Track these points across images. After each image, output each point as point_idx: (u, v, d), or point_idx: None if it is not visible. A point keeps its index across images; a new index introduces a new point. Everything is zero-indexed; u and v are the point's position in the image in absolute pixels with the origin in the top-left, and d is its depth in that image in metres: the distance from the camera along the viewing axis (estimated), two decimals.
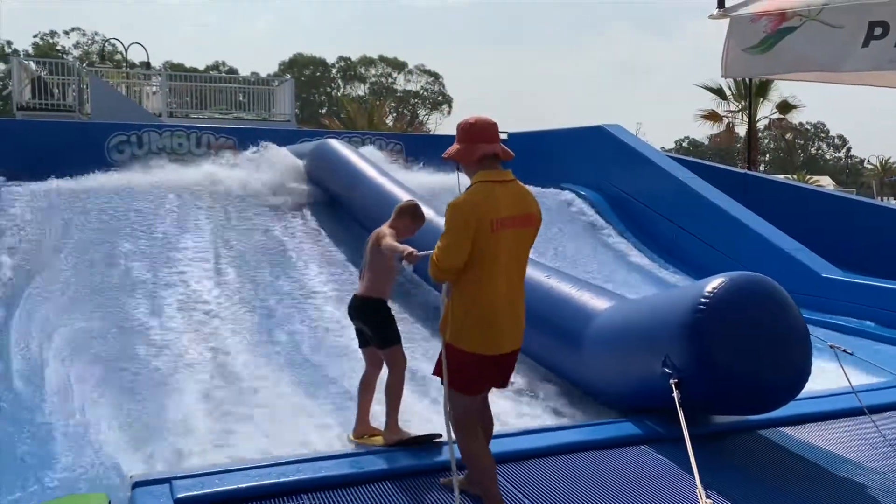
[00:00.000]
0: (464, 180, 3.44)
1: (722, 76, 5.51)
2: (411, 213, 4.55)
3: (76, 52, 55.13)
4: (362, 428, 4.66)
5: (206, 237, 9.12)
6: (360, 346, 4.72)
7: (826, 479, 3.98)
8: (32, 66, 21.02)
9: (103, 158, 12.52)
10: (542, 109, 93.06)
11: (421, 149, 14.41)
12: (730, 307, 4.11)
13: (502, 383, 3.56)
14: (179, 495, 3.44)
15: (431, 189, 9.92)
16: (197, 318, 7.20)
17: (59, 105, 19.16)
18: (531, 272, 6.27)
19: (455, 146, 3.32)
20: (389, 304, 4.57)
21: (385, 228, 4.49)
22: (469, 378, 3.34)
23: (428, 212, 5.23)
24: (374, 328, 4.51)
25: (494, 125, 3.34)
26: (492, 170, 3.27)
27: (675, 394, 3.94)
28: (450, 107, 61.21)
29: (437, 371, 3.45)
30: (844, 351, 4.69)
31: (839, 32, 4.79)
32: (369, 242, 4.59)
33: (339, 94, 58.76)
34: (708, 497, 3.22)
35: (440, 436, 4.26)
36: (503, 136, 14.86)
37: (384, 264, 4.50)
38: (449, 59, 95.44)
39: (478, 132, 3.28)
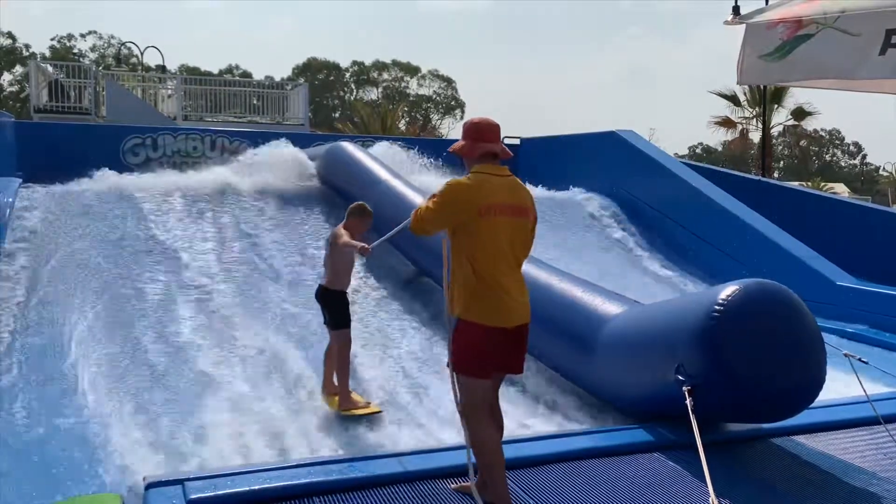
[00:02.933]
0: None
1: (737, 83, 5.50)
2: (358, 212, 5.62)
3: (93, 56, 55.61)
4: (327, 389, 5.62)
5: (223, 238, 9.19)
6: (324, 323, 5.73)
7: (840, 488, 3.95)
8: (50, 69, 21.21)
9: (119, 161, 12.61)
10: (554, 115, 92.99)
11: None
12: (744, 314, 4.09)
13: (516, 367, 3.56)
14: (192, 496, 3.46)
15: None
16: (214, 317, 7.23)
17: (76, 108, 19.31)
18: (544, 276, 6.31)
19: (460, 142, 3.59)
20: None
21: (340, 229, 5.55)
22: (480, 355, 3.38)
23: None
24: (330, 313, 5.60)
25: (497, 126, 3.61)
26: (490, 164, 3.52)
27: (688, 401, 3.93)
28: (462, 111, 61.28)
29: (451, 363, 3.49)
30: (859, 360, 4.64)
31: (856, 40, 4.77)
32: (329, 241, 5.64)
33: (352, 99, 58.96)
34: None
35: (382, 412, 5.36)
36: (516, 141, 14.91)
37: (342, 260, 5.57)
38: (462, 64, 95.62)
39: (481, 131, 3.55)
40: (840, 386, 5.03)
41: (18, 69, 52.59)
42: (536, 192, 11.64)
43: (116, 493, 3.92)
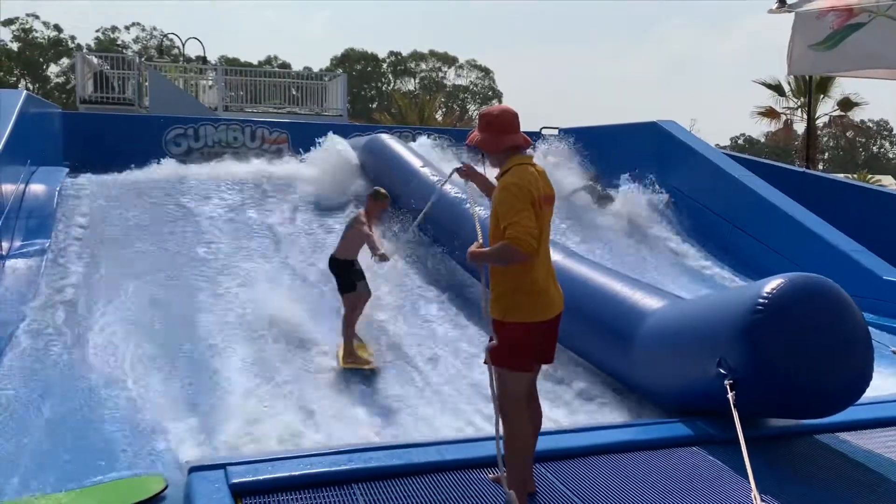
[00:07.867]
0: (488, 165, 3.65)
1: (787, 74, 5.40)
2: (374, 196, 6.49)
3: (135, 47, 56.51)
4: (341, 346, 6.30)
5: (267, 224, 9.30)
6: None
7: (885, 487, 3.87)
8: (95, 60, 21.60)
9: (161, 151, 12.83)
10: (594, 105, 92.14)
11: None
12: (788, 308, 4.02)
13: (550, 356, 3.56)
14: (234, 481, 3.53)
15: None
16: (260, 302, 7.24)
17: (120, 98, 19.67)
18: (584, 270, 6.27)
19: (480, 134, 3.50)
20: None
21: (362, 216, 6.35)
22: (522, 350, 3.38)
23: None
24: (338, 279, 6.37)
25: (516, 115, 3.54)
26: (523, 156, 3.49)
27: (730, 395, 3.88)
28: (500, 102, 61.01)
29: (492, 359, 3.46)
30: None
31: None
32: (350, 222, 6.42)
33: (389, 89, 59.07)
34: (763, 501, 3.16)
35: (375, 368, 6.02)
36: (554, 132, 14.82)
37: (354, 236, 6.26)
38: (500, 55, 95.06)
39: (504, 124, 3.48)
40: (888, 383, 4.93)
41: (65, 61, 53.69)
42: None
43: (160, 475, 4.01)
